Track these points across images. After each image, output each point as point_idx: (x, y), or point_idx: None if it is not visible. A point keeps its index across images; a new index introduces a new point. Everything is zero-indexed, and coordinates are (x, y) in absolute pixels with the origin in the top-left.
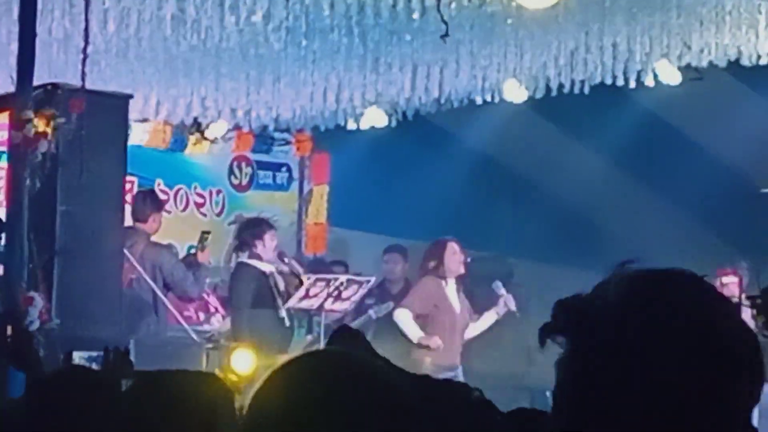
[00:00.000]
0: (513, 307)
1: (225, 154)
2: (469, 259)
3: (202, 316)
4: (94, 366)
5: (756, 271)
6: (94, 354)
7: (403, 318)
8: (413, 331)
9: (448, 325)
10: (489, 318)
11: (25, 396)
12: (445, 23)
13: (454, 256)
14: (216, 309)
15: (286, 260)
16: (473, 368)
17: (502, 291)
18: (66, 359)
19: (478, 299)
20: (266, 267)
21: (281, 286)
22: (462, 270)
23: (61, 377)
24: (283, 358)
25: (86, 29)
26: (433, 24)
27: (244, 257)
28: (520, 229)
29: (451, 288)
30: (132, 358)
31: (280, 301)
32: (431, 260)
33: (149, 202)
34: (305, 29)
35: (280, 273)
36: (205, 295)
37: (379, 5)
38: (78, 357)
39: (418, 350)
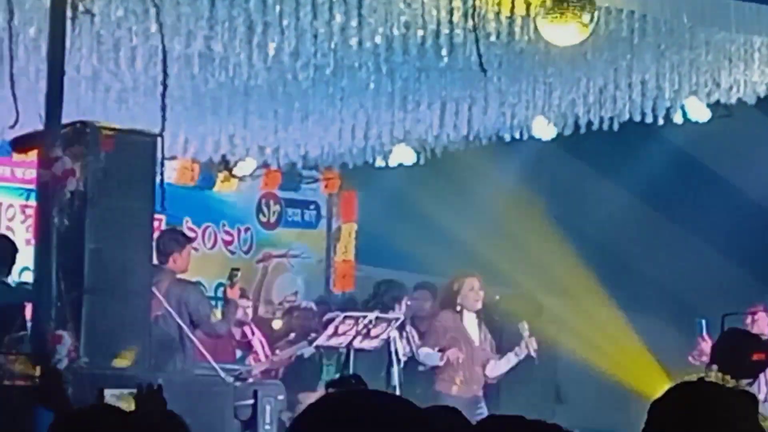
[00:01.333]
0: (533, 351)
1: (253, 191)
2: (497, 297)
3: (239, 353)
4: (125, 404)
5: None
6: (126, 391)
7: (424, 353)
8: (434, 359)
9: (467, 356)
10: (510, 359)
11: None
12: (480, 56)
13: (471, 292)
14: (262, 346)
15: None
16: (503, 406)
17: (526, 333)
18: (98, 397)
19: (507, 336)
20: None
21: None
22: (479, 306)
23: (87, 416)
24: (310, 396)
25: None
26: (462, 61)
27: None
28: (550, 266)
29: (470, 321)
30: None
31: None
32: (449, 295)
33: (175, 240)
34: (333, 66)
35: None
36: (249, 333)
37: (408, 42)
38: (109, 395)
39: (439, 383)
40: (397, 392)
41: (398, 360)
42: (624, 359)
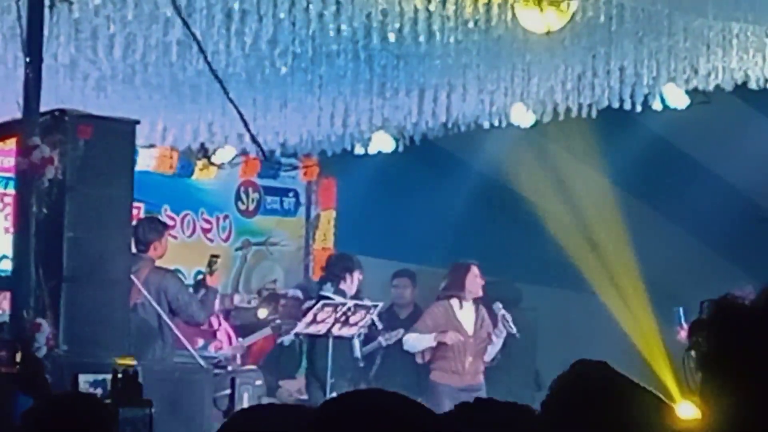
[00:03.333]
0: (512, 328)
1: (232, 179)
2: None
3: (201, 341)
4: (100, 390)
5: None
6: (100, 378)
7: (412, 338)
8: (426, 340)
9: (460, 347)
10: (495, 342)
11: (21, 423)
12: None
13: (476, 279)
14: (228, 336)
15: None
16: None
17: (502, 311)
18: (72, 383)
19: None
20: None
21: None
22: (480, 293)
23: (59, 404)
24: (290, 383)
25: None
26: (440, 48)
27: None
28: (528, 253)
29: (466, 310)
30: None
31: None
32: (452, 282)
33: (153, 228)
34: (311, 54)
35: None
36: (215, 323)
37: (386, 30)
38: (83, 381)
39: (433, 373)
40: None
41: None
42: (603, 345)
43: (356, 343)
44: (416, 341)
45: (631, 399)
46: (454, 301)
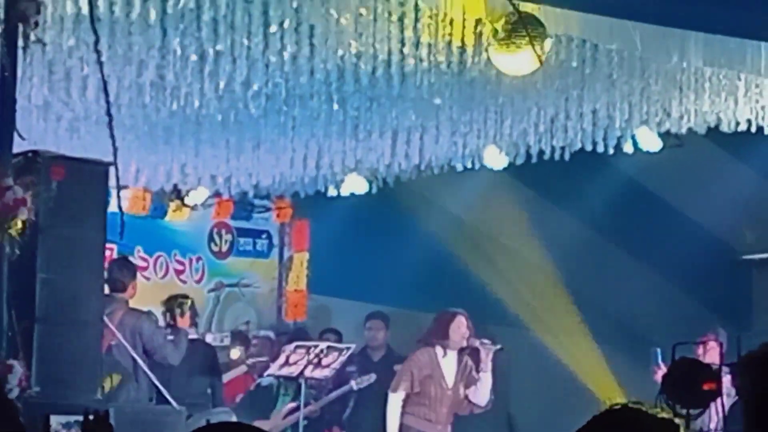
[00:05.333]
0: (495, 346)
1: (205, 220)
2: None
3: None
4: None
5: (736, 337)
6: (72, 419)
7: (392, 407)
8: (392, 424)
9: (435, 397)
10: (483, 379)
11: None
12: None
13: (459, 330)
14: None
15: None
16: None
17: (476, 342)
18: (44, 425)
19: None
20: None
21: None
22: (464, 344)
23: None
24: (264, 423)
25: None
26: (413, 90)
27: None
28: (502, 295)
29: (449, 360)
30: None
31: None
32: (436, 329)
33: (124, 269)
34: (285, 96)
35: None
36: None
37: (359, 72)
38: (55, 422)
39: (405, 416)
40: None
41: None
42: (577, 388)
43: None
44: (389, 414)
45: None
46: (438, 349)
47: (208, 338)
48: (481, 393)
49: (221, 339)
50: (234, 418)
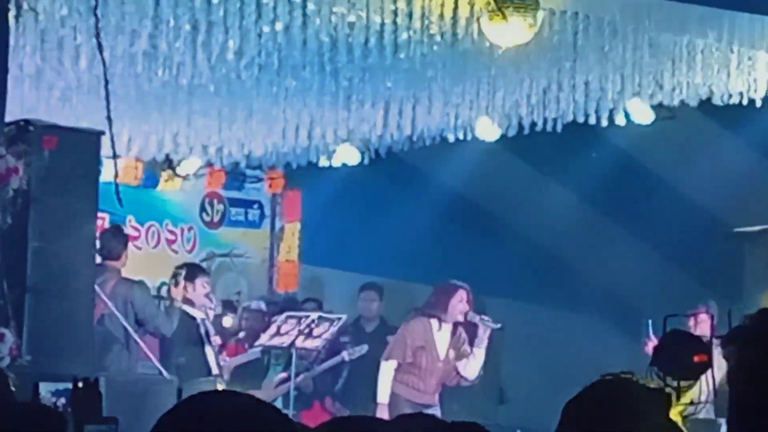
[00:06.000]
0: (493, 324)
1: (197, 190)
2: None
3: None
4: (63, 400)
5: (727, 310)
6: (61, 387)
7: (384, 375)
8: (383, 391)
9: (426, 368)
10: (479, 353)
11: None
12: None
13: (460, 303)
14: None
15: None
16: (446, 407)
17: (476, 317)
18: (33, 392)
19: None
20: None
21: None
22: (462, 318)
23: (16, 413)
24: (253, 393)
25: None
26: (406, 61)
27: None
28: (493, 266)
29: (443, 332)
30: (103, 394)
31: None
32: (436, 302)
33: (115, 238)
34: (277, 66)
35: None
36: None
37: (352, 43)
38: (45, 390)
39: (395, 384)
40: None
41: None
42: (568, 360)
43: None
44: (380, 382)
45: (653, 410)
46: (434, 321)
47: None
48: (472, 367)
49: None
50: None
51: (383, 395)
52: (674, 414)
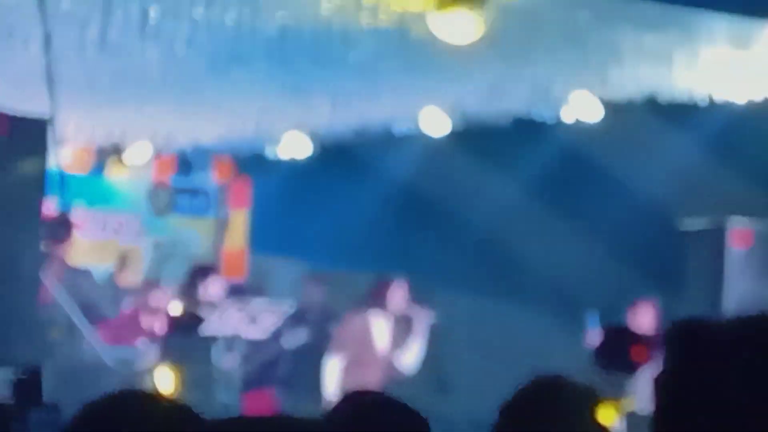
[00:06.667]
0: (430, 318)
1: (145, 178)
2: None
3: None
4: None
5: (669, 306)
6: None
7: (329, 374)
8: (329, 389)
9: (368, 363)
10: (414, 345)
11: None
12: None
13: (398, 295)
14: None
15: None
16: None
17: (414, 312)
18: None
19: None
20: None
21: None
22: (399, 311)
23: None
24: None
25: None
26: (355, 54)
27: None
28: (438, 258)
29: (383, 326)
30: (46, 381)
31: None
32: (374, 296)
33: (62, 226)
34: (228, 56)
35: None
36: (157, 325)
37: (301, 34)
38: None
39: (345, 383)
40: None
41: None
42: (511, 351)
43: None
44: (326, 378)
45: (584, 411)
46: (373, 315)
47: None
48: (409, 360)
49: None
50: (172, 378)
51: (330, 393)
52: (611, 410)
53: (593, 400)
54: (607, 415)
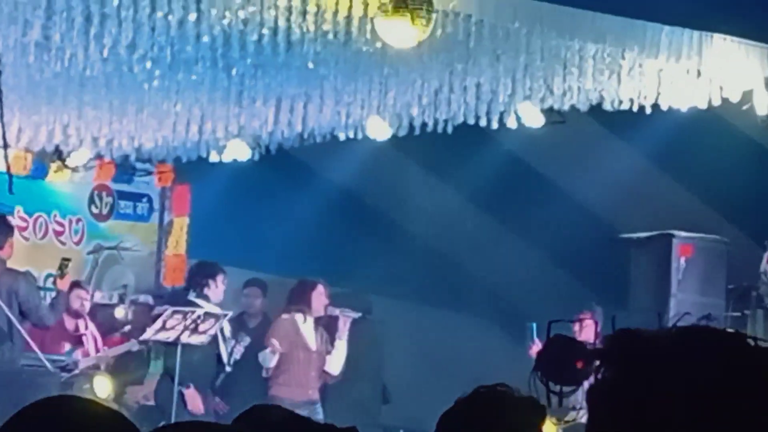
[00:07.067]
0: (352, 313)
1: (86, 182)
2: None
3: (67, 346)
4: None
5: (611, 316)
6: None
7: (265, 356)
8: (269, 358)
9: (303, 361)
10: (340, 345)
11: None
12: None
13: (320, 297)
14: (95, 341)
15: None
16: (329, 406)
17: (336, 311)
18: None
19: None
20: None
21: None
22: (323, 311)
23: None
24: (136, 389)
25: None
26: (298, 58)
27: None
28: (381, 266)
29: (308, 325)
30: None
31: None
32: (297, 298)
33: (3, 229)
34: (170, 60)
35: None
36: (82, 327)
37: (245, 39)
38: None
39: (275, 387)
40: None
41: (223, 363)
42: (453, 361)
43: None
44: (263, 360)
45: (527, 423)
46: (299, 316)
47: (97, 297)
48: (336, 361)
49: (110, 297)
50: (109, 385)
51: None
52: (553, 422)
53: (537, 412)
54: (549, 427)
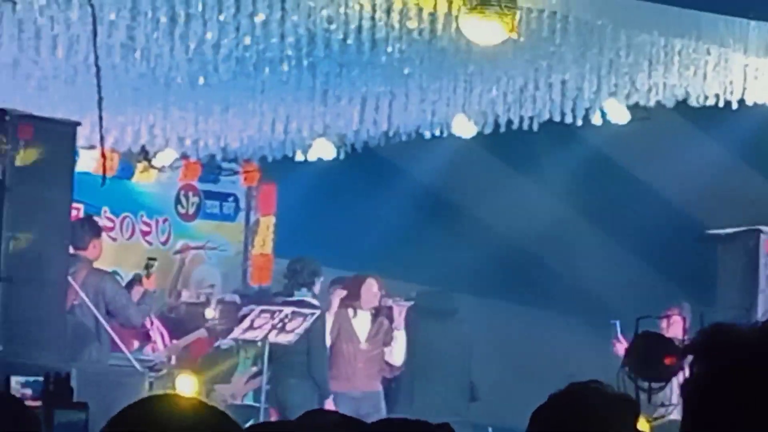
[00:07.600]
0: (406, 303)
1: (172, 182)
2: (414, 294)
3: (135, 342)
4: (29, 392)
5: (699, 312)
6: (32, 379)
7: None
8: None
9: (350, 354)
10: (399, 336)
11: None
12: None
13: (371, 291)
14: (162, 337)
15: None
16: (414, 402)
17: (390, 301)
18: (4, 384)
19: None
20: None
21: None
22: (375, 303)
23: None
24: (224, 387)
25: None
26: (383, 57)
27: None
28: (466, 264)
29: (360, 319)
30: (74, 385)
31: None
32: (349, 293)
33: (88, 229)
34: (255, 59)
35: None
36: (148, 323)
37: (330, 38)
38: (15, 381)
39: (333, 382)
40: None
41: None
42: (539, 359)
43: None
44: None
45: (620, 420)
46: (349, 310)
47: (184, 295)
48: (397, 352)
49: (197, 296)
50: (195, 383)
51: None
52: (644, 419)
53: (631, 409)
54: (642, 424)
